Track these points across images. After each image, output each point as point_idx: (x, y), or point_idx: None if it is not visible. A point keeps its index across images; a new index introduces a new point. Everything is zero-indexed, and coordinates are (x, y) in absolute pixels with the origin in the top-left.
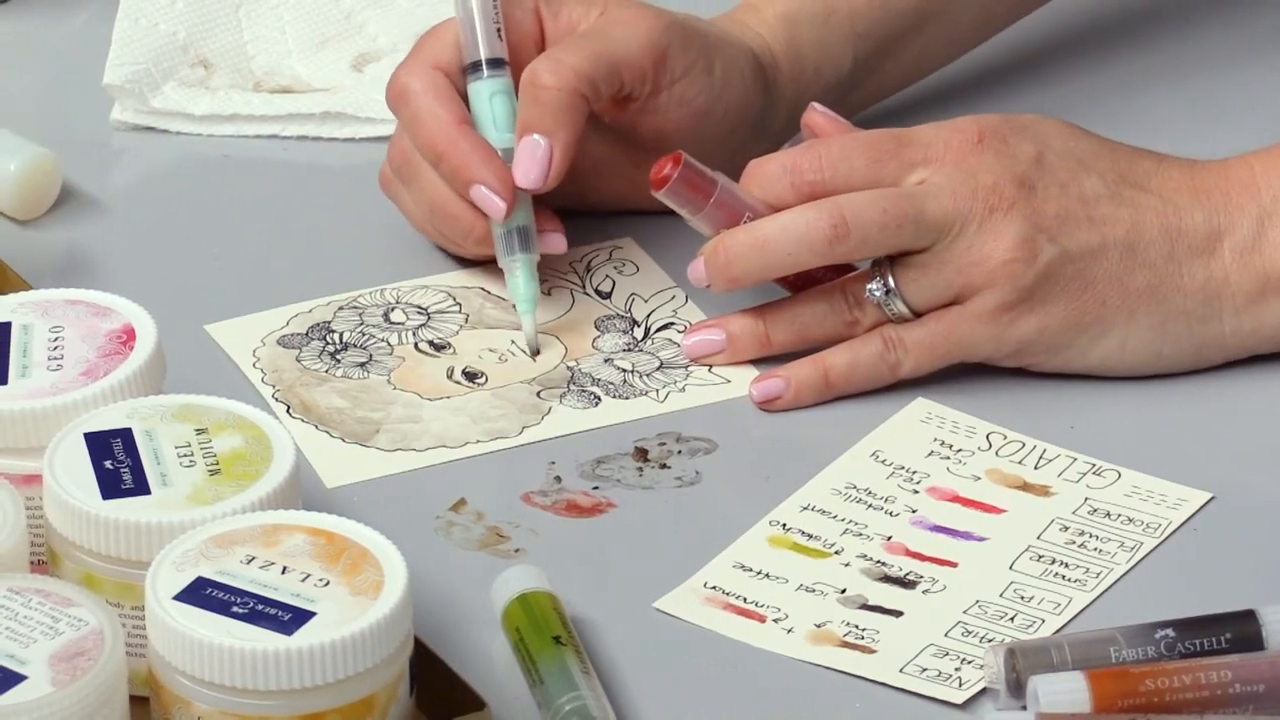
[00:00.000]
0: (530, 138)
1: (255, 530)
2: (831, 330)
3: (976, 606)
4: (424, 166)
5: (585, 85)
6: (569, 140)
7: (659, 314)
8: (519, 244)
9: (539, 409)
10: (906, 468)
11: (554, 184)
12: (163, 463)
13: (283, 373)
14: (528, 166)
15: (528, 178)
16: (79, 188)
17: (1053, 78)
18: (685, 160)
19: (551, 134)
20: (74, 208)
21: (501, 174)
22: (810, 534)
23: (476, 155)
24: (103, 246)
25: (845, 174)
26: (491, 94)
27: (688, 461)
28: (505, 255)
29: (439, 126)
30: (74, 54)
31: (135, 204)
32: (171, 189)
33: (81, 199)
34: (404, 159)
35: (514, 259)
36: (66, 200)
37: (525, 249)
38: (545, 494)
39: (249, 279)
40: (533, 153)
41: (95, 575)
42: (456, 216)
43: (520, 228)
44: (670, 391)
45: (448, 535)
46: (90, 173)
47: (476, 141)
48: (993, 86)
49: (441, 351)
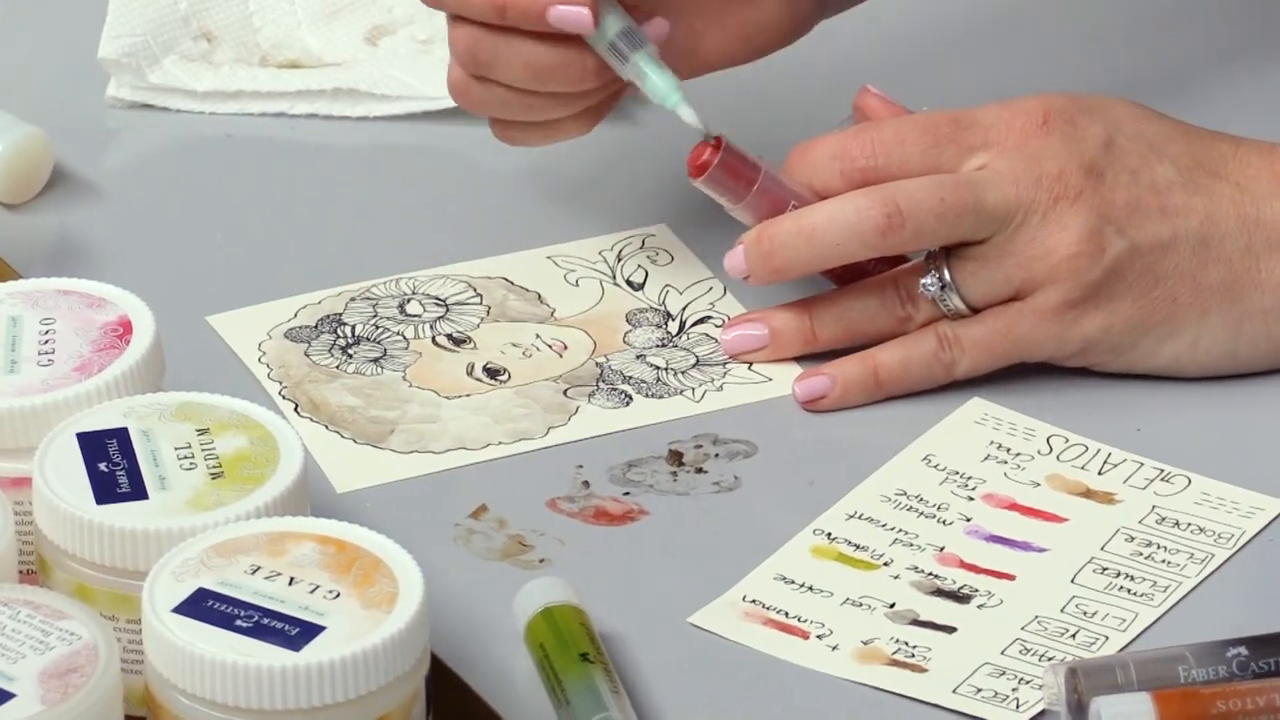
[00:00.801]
0: None
1: (260, 538)
2: (882, 326)
3: (1036, 622)
4: (500, 41)
5: None
6: None
7: (695, 307)
8: (627, 46)
9: (566, 409)
10: (961, 473)
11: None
12: (161, 465)
13: (290, 368)
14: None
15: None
16: (72, 169)
17: (1118, 57)
18: (726, 144)
19: None
20: (67, 191)
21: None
22: (857, 544)
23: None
24: (97, 232)
25: (899, 159)
26: None
27: (725, 466)
28: (621, 65)
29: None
30: (67, 26)
31: (132, 187)
32: (171, 171)
33: (75, 181)
34: (473, 45)
35: (634, 61)
36: (59, 183)
37: (638, 46)
38: (572, 500)
39: (254, 267)
40: None
41: (89, 586)
42: (560, 65)
43: (621, 31)
44: (707, 390)
45: (467, 544)
46: (84, 153)
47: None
48: (1054, 66)
49: (461, 346)
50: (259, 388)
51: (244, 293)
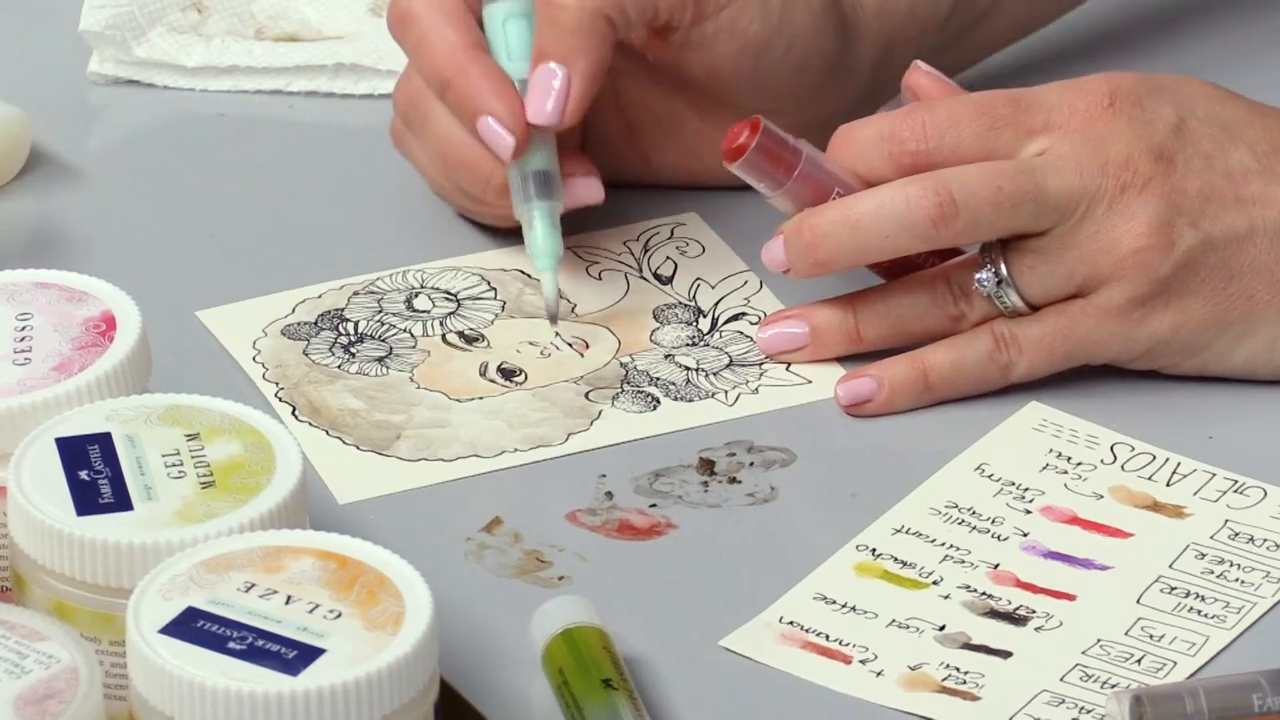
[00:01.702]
0: (545, 65)
1: (255, 553)
2: (933, 325)
3: (1098, 646)
4: (435, 106)
5: (610, 6)
6: (590, 69)
7: (729, 302)
8: (536, 190)
9: (587, 413)
10: (1017, 484)
11: (572, 120)
12: (147, 473)
13: (288, 368)
14: (541, 99)
15: (541, 112)
16: (50, 151)
17: (1189, 32)
18: (764, 126)
19: (569, 60)
20: (44, 174)
21: (512, 105)
22: (904, 561)
23: (486, 84)
24: (78, 220)
25: (953, 143)
26: (506, 17)
27: (761, 475)
28: (521, 203)
29: (447, 51)
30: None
31: (116, 170)
32: (159, 153)
33: (53, 164)
34: (411, 101)
35: (530, 207)
36: (36, 166)
37: (544, 195)
38: (594, 512)
39: (249, 259)
40: (547, 82)
41: (68, 604)
42: (471, 163)
43: (538, 172)
44: (741, 393)
45: (480, 560)
46: (64, 134)
47: (488, 68)
48: (1121, 43)
49: (474, 344)
50: (254, 389)
51: (238, 286)
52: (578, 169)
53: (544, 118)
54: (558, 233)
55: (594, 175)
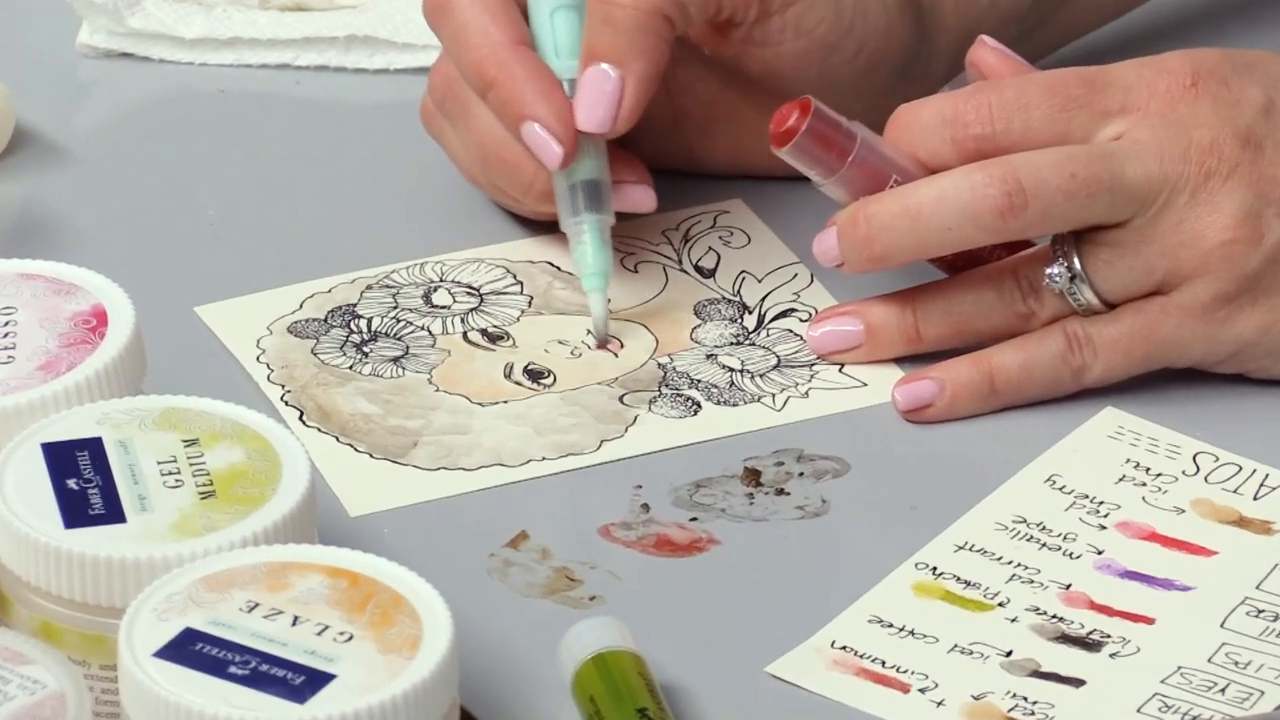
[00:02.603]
0: (597, 68)
1: (259, 569)
2: (999, 323)
3: (1178, 674)
4: (474, 98)
5: (669, 3)
6: (646, 72)
7: (777, 298)
8: (585, 202)
9: (622, 418)
10: (1091, 497)
11: (625, 128)
12: (141, 482)
13: (295, 369)
14: (592, 104)
15: (591, 118)
16: (36, 130)
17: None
18: (815, 108)
19: (623, 63)
20: (30, 155)
21: (560, 110)
22: (967, 581)
23: (532, 85)
24: (67, 206)
25: (1022, 126)
26: (555, 9)
27: (812, 486)
28: (569, 216)
29: (489, 47)
30: None
31: (108, 152)
32: (154, 133)
33: (39, 144)
34: (448, 88)
35: (579, 221)
36: (21, 147)
37: (594, 208)
38: (629, 527)
39: (252, 249)
40: (599, 87)
41: (55, 625)
42: (513, 164)
43: (587, 182)
44: (790, 397)
45: (504, 578)
46: (50, 111)
47: (534, 68)
48: (1202, 18)
49: (498, 343)
50: (257, 391)
51: (240, 279)
52: (628, 174)
53: (595, 125)
54: (608, 248)
55: (646, 183)
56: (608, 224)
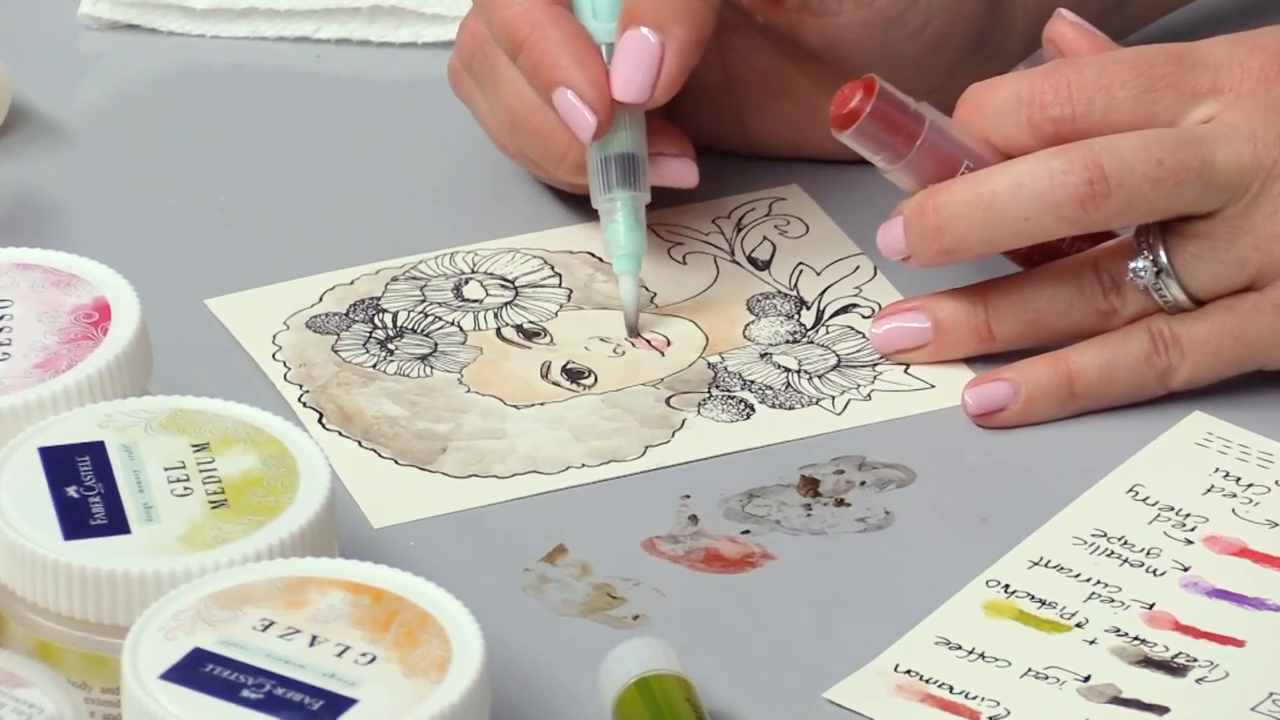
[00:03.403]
0: (636, 31)
1: (275, 585)
2: (1079, 321)
3: (1270, 701)
4: (503, 59)
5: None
6: (689, 38)
7: (837, 292)
8: (619, 177)
9: (668, 422)
10: (1177, 509)
11: (664, 98)
12: (147, 490)
13: (313, 367)
14: (629, 71)
15: (628, 86)
16: (34, 108)
17: None
18: (880, 88)
19: (664, 28)
20: (28, 135)
21: (595, 77)
22: (1043, 600)
23: (567, 48)
24: (68, 190)
25: (1104, 108)
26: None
27: (874, 497)
28: (600, 193)
29: (521, 4)
30: None
31: (112, 132)
32: (162, 112)
33: (38, 124)
34: (477, 47)
35: (610, 198)
36: (18, 126)
37: (628, 184)
38: (676, 540)
39: (268, 237)
40: (637, 53)
41: (54, 644)
42: (544, 133)
43: (622, 155)
44: (851, 399)
45: (540, 595)
46: (50, 88)
47: (569, 30)
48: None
49: (534, 340)
50: (273, 392)
51: (254, 269)
52: (668, 146)
53: (631, 94)
54: (642, 228)
55: (687, 155)
56: (642, 202)
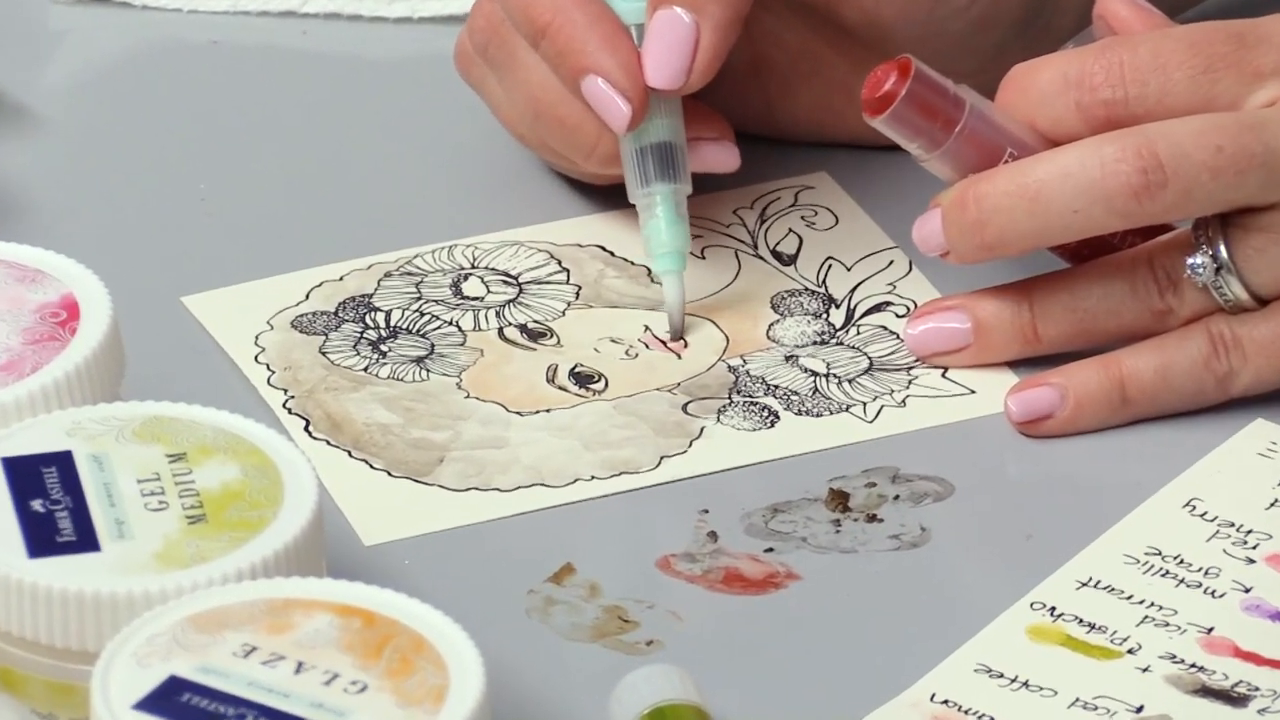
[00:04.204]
0: (669, 11)
1: (258, 607)
2: (1132, 321)
3: None
4: (523, 45)
5: None
6: (725, 18)
7: (869, 289)
8: (656, 169)
9: (685, 430)
10: (1238, 525)
11: (700, 83)
12: (119, 504)
13: (300, 370)
14: (663, 55)
15: (662, 71)
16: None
17: None
18: (917, 69)
19: (699, 7)
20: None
21: (628, 62)
22: (1092, 623)
23: (596, 32)
24: (33, 177)
25: (1159, 90)
26: None
27: (909, 512)
28: (637, 187)
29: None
30: None
31: (82, 114)
32: (136, 92)
33: (2, 106)
34: (493, 32)
35: (649, 192)
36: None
37: (667, 176)
38: (693, 559)
39: (250, 229)
40: (671, 34)
41: (17, 672)
42: (572, 125)
43: (659, 145)
44: (884, 406)
45: (546, 618)
46: (16, 66)
47: (598, 11)
48: None
49: (540, 341)
50: (256, 397)
51: (236, 264)
52: (705, 130)
53: (666, 79)
54: (685, 223)
55: (727, 139)
56: (683, 194)
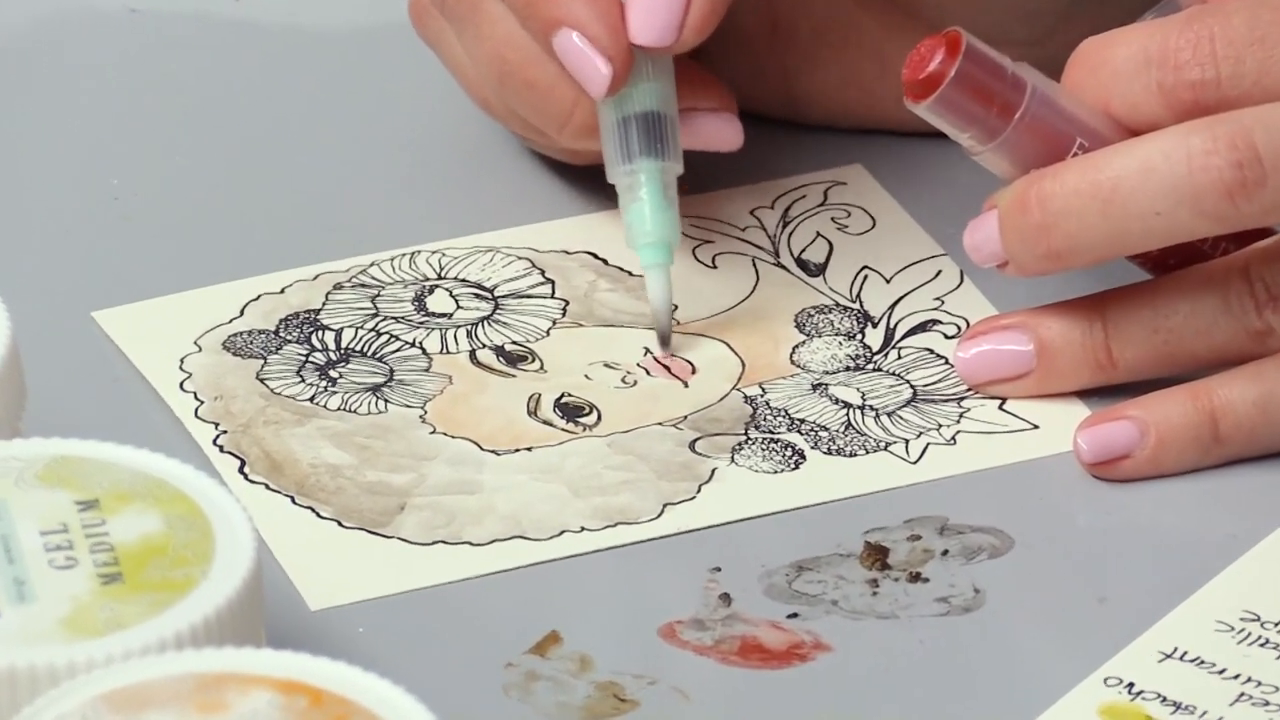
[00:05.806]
0: None
1: (184, 683)
2: (1224, 343)
3: None
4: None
5: None
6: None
7: (911, 304)
8: (641, 143)
9: (693, 472)
10: None
11: (692, 41)
12: (19, 561)
13: (233, 401)
14: (650, 7)
15: (648, 25)
16: None
17: None
18: (968, 45)
19: None
20: None
21: (608, 15)
22: (1177, 702)
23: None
24: None
25: (1257, 70)
26: None
27: (960, 570)
28: (618, 163)
29: None
30: None
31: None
32: (40, 70)
33: None
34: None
35: (632, 170)
36: None
37: (654, 152)
38: (703, 626)
39: (173, 233)
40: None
41: None
42: (543, 88)
43: (645, 114)
44: (930, 444)
45: (527, 696)
46: None
47: None
48: None
49: (519, 366)
50: (181, 432)
51: (157, 275)
52: (701, 99)
53: (653, 36)
54: (674, 208)
55: (728, 110)
56: (673, 173)
